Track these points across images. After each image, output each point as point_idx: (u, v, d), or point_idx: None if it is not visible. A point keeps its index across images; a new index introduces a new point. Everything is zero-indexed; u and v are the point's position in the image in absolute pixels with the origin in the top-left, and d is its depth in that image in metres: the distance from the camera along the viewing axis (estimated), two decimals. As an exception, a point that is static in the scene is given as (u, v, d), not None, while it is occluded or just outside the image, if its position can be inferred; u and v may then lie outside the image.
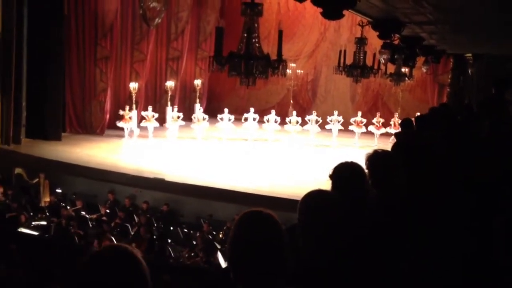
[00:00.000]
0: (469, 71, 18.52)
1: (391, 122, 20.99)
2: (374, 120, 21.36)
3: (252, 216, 2.27)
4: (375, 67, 13.47)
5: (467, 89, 19.36)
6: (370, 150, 3.90)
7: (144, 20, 17.92)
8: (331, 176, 3.50)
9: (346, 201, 3.33)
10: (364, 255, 2.97)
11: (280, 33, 7.47)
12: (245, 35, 6.92)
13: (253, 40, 6.90)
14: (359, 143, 20.76)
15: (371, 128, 21.30)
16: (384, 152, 3.90)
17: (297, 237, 2.77)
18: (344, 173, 3.50)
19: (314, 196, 2.95)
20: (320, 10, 5.86)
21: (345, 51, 13.44)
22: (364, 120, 21.14)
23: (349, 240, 2.96)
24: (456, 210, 3.60)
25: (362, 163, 3.67)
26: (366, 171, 3.62)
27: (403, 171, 3.69)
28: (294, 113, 21.67)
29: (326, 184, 3.50)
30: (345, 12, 6.36)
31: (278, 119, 21.02)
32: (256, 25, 7.02)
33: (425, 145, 4.04)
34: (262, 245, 2.18)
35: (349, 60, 13.52)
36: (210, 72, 11.20)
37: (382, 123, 21.21)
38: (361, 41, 12.92)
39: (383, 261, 3.11)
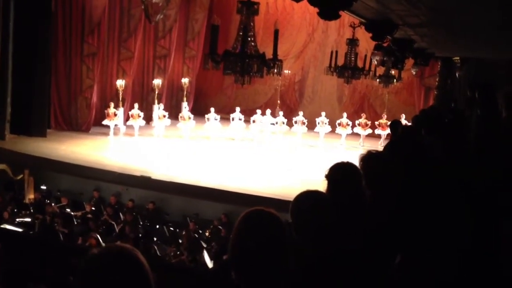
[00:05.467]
0: (457, 74, 18.60)
1: (376, 123, 21.11)
2: (357, 122, 21.38)
3: (256, 215, 2.25)
4: (366, 68, 13.49)
5: (454, 92, 19.43)
6: (363, 151, 3.88)
7: (146, 15, 17.77)
8: (327, 176, 3.48)
9: (343, 201, 3.31)
10: (361, 255, 2.95)
11: (276, 33, 7.45)
12: (241, 33, 6.87)
13: (249, 39, 6.86)
14: (345, 144, 20.82)
15: (357, 129, 21.35)
16: (378, 153, 3.90)
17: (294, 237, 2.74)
18: (340, 173, 3.48)
19: (306, 197, 2.91)
20: (308, 11, 5.86)
21: (336, 52, 13.43)
22: (350, 123, 21.19)
23: (346, 240, 2.94)
24: (452, 212, 3.58)
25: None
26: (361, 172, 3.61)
27: (398, 172, 3.67)
28: (281, 113, 21.66)
29: (322, 184, 3.47)
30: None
31: (264, 119, 21.00)
32: (252, 24, 6.98)
33: (423, 148, 4.03)
34: (267, 244, 2.17)
35: (338, 62, 13.53)
36: (205, 69, 11.07)
37: (370, 125, 21.25)
38: (352, 42, 12.93)
39: (379, 262, 3.10)
